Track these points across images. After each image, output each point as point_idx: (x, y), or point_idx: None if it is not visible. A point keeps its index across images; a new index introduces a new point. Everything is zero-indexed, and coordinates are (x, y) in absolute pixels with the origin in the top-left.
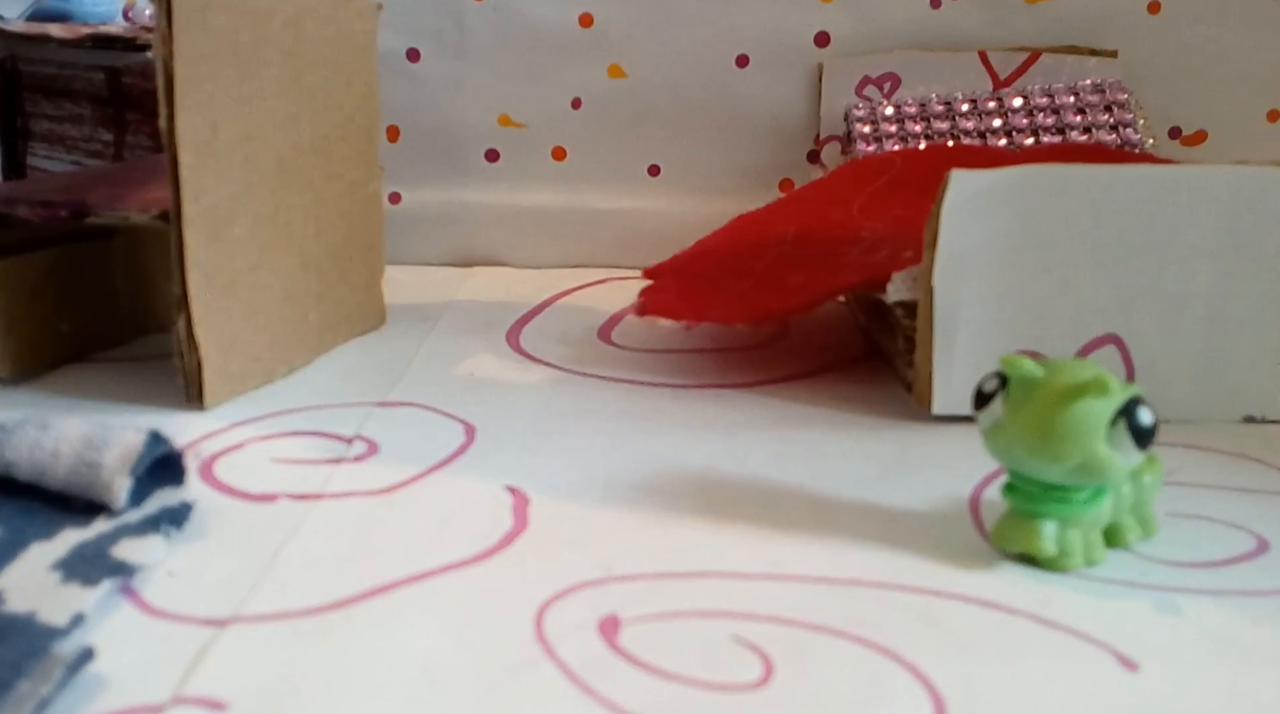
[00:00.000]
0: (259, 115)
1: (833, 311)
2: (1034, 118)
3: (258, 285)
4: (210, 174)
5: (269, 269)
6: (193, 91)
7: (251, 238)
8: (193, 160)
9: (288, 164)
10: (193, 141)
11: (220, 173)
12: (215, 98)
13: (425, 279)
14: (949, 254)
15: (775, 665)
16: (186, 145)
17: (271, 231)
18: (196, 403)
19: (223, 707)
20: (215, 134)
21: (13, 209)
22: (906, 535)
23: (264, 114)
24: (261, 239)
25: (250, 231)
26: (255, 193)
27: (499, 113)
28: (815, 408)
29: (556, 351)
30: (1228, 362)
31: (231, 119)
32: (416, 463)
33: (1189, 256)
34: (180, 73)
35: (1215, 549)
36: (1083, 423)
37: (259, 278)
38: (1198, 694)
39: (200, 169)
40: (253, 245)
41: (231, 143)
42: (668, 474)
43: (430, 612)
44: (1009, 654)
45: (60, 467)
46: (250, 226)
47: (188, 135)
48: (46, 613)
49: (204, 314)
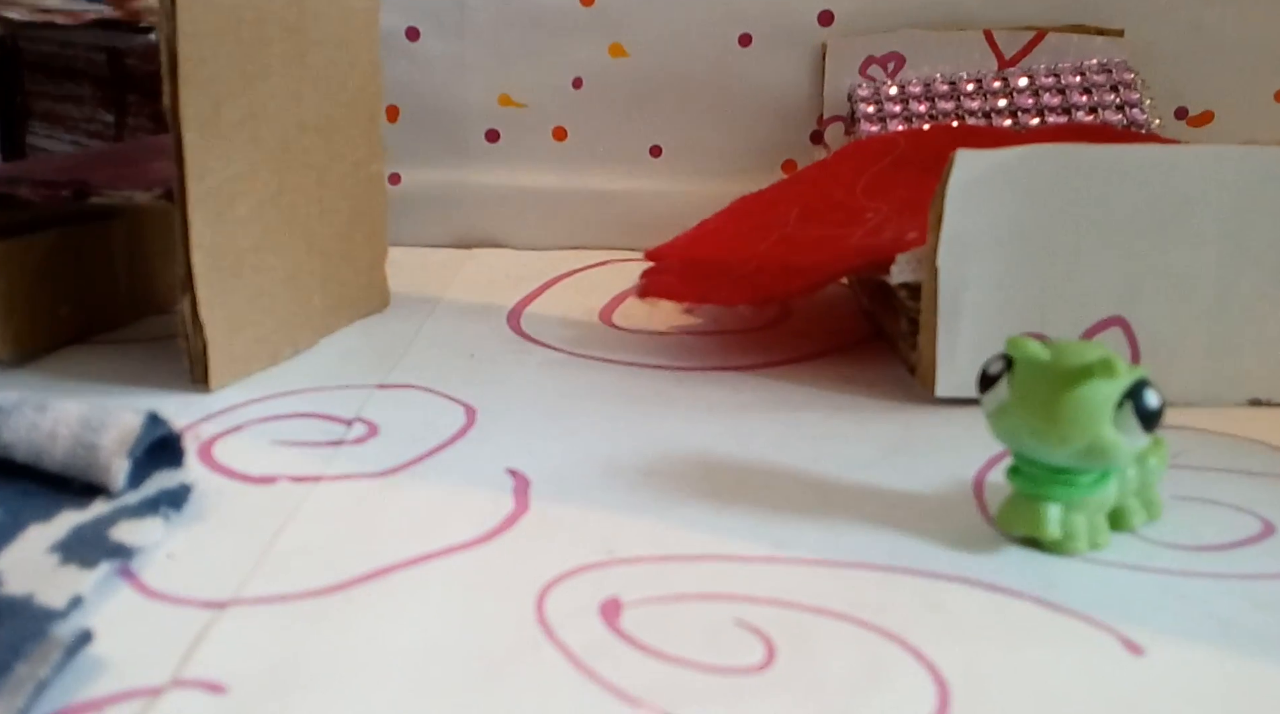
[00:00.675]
0: (262, 94)
1: (836, 293)
2: (1039, 98)
3: (262, 267)
4: (214, 153)
5: (273, 250)
6: (196, 69)
7: (255, 218)
8: (196, 139)
9: (291, 144)
10: (196, 120)
11: (224, 152)
12: (219, 75)
13: (425, 261)
14: (953, 235)
15: (777, 648)
16: (190, 124)
17: (275, 212)
18: (202, 385)
19: (222, 689)
20: (219, 112)
21: (14, 189)
22: (909, 518)
23: (267, 92)
24: (265, 219)
25: (254, 212)
26: (259, 172)
27: (499, 92)
28: (818, 390)
29: (558, 334)
30: (1234, 344)
31: (235, 97)
32: (417, 445)
33: (1195, 238)
34: (184, 50)
35: (1221, 532)
36: (1089, 405)
37: (263, 259)
38: (1203, 678)
39: (204, 148)
40: (257, 226)
41: (235, 122)
42: (669, 456)
43: (431, 594)
44: (1012, 638)
45: (58, 448)
46: (254, 207)
47: (191, 113)
48: (44, 595)
49: (209, 295)
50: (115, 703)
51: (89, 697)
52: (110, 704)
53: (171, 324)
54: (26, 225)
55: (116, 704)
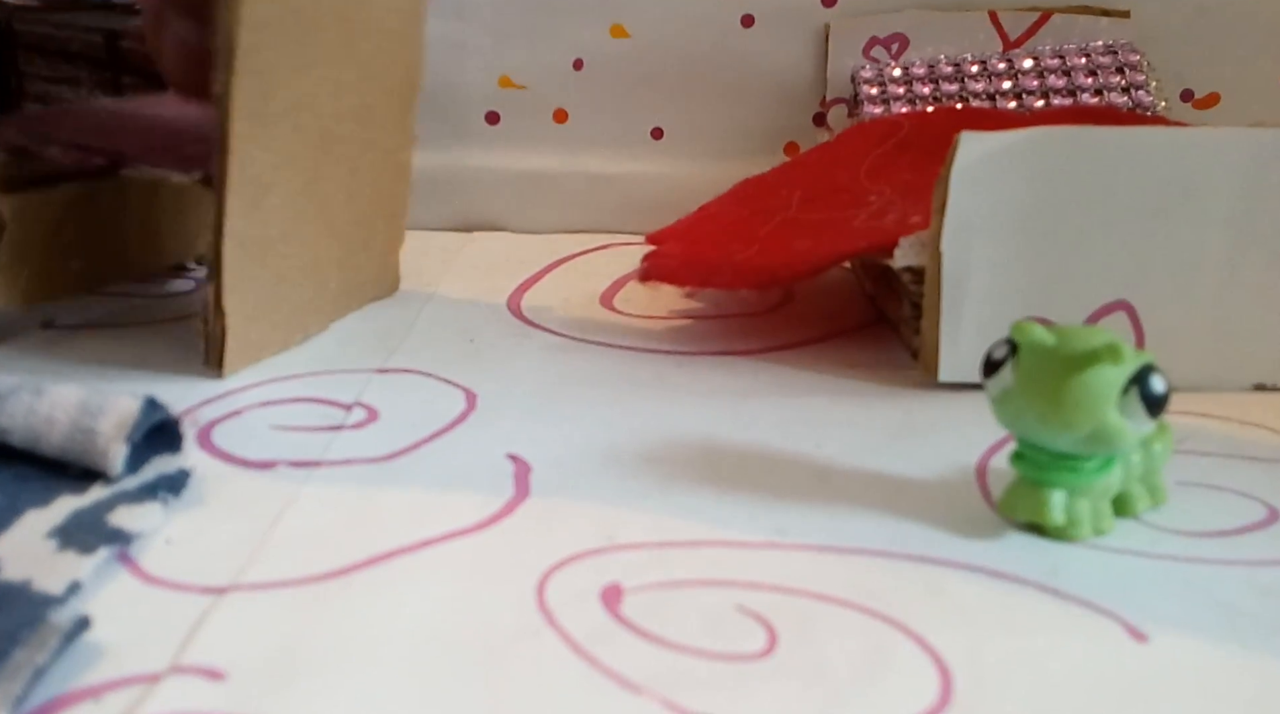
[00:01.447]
0: (310, 83)
1: (838, 277)
2: (1045, 79)
3: (286, 254)
4: (258, 143)
5: (298, 238)
6: (251, 58)
7: (287, 206)
8: (244, 129)
9: (330, 133)
10: (246, 109)
11: (267, 142)
12: (272, 65)
13: (425, 244)
14: (958, 219)
15: (779, 635)
16: (240, 114)
17: (305, 200)
18: (215, 370)
19: (221, 676)
20: (267, 103)
21: (45, 150)
22: (912, 504)
23: (315, 82)
24: (296, 208)
25: (286, 200)
26: (297, 162)
27: (499, 74)
28: (820, 375)
29: (558, 318)
30: (1240, 328)
31: (284, 87)
32: (416, 430)
33: (1202, 221)
34: (242, 40)
35: (1226, 518)
36: (1095, 390)
37: (288, 247)
38: (1208, 665)
39: (249, 138)
40: (288, 213)
41: (281, 111)
42: (671, 442)
43: (430, 580)
44: (1016, 624)
45: (55, 433)
46: (287, 195)
47: (241, 103)
48: (42, 581)
49: (234, 282)
50: (113, 689)
51: (87, 683)
52: (108, 691)
53: (173, 308)
54: (38, 179)
55: (115, 691)
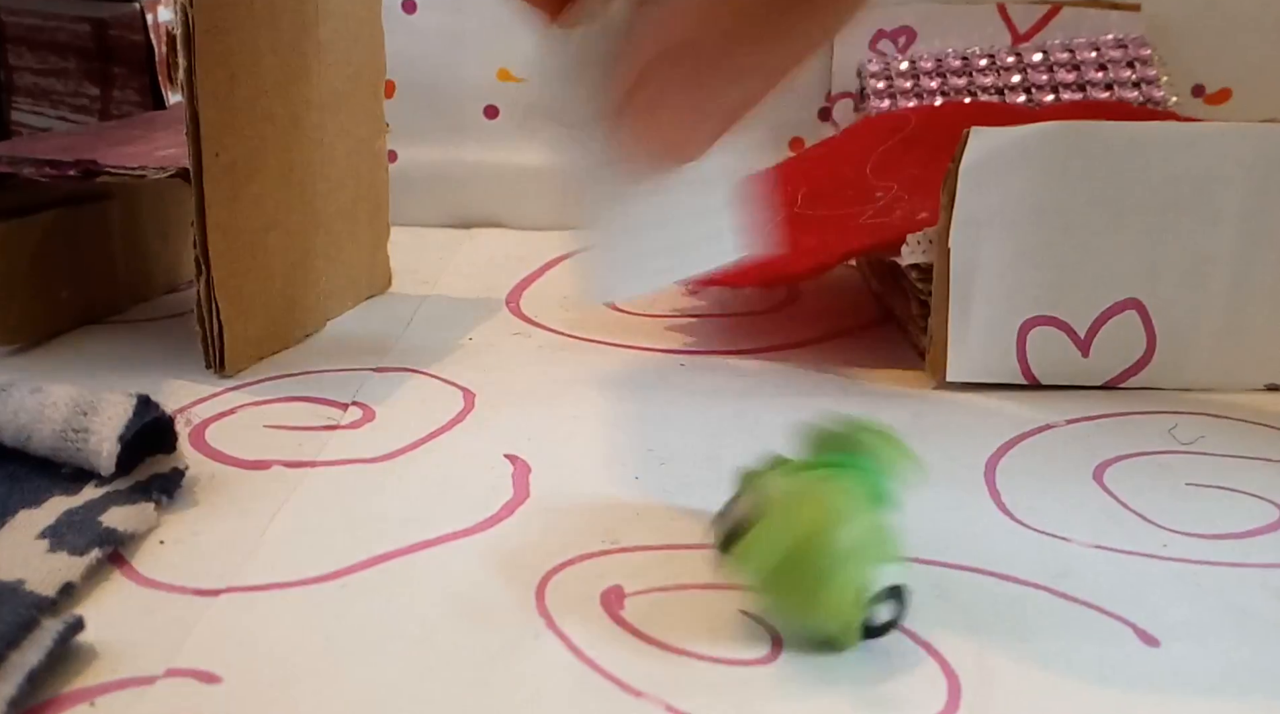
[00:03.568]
0: (273, 68)
1: (844, 275)
2: (1054, 74)
3: (274, 247)
4: (228, 129)
5: (283, 230)
6: (213, 43)
7: (268, 197)
8: (212, 114)
9: (300, 119)
10: (213, 94)
11: (238, 128)
12: (233, 49)
13: (422, 241)
14: (966, 215)
15: (784, 640)
16: (207, 98)
17: (286, 190)
18: (219, 370)
19: (215, 679)
20: (233, 88)
21: (18, 169)
22: (919, 505)
23: (278, 67)
24: (276, 198)
25: (266, 190)
26: (270, 149)
27: (498, 67)
28: (826, 375)
29: (558, 316)
30: (1251, 328)
31: (249, 72)
32: (414, 430)
33: (1213, 218)
34: (199, 21)
35: (1237, 520)
36: (843, 599)
37: (275, 239)
38: (1219, 669)
39: (219, 124)
40: (269, 204)
41: (249, 97)
42: (673, 443)
43: (428, 583)
44: (1025, 628)
45: (47, 432)
46: (265, 185)
47: (207, 88)
48: (35, 582)
49: (224, 276)
50: (107, 693)
51: (81, 686)
52: (102, 694)
53: (167, 307)
54: (18, 209)
55: (109, 694)
